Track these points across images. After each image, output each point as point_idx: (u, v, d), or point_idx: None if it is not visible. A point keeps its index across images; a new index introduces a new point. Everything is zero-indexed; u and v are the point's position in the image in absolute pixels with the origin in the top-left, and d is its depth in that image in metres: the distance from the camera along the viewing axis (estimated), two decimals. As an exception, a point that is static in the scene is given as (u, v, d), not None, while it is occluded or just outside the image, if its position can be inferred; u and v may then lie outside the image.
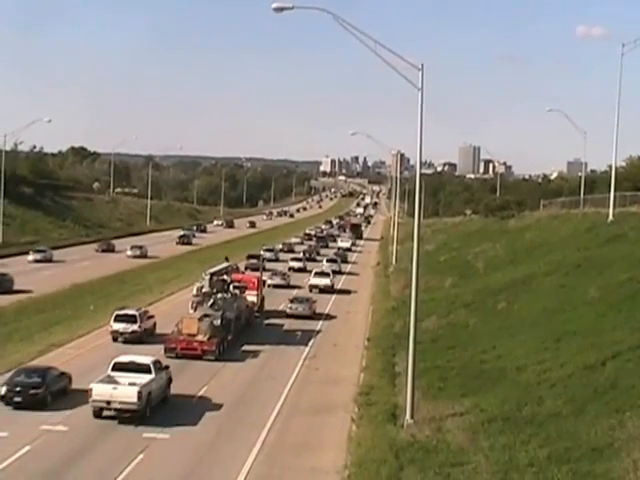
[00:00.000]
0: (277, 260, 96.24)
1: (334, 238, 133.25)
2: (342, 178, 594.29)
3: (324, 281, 74.69)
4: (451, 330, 49.25)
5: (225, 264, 57.09)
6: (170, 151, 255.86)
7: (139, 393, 33.06)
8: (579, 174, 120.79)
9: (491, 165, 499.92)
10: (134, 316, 49.25)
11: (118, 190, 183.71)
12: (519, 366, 36.37)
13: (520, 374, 35.35)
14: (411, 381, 32.55)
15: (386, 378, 40.34)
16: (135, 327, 48.72)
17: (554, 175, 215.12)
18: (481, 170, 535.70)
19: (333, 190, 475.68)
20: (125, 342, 47.94)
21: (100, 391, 33.26)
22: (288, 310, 60.26)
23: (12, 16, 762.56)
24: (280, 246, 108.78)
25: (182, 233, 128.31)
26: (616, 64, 65.36)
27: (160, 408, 34.94)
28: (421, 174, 36.35)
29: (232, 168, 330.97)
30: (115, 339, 48.66)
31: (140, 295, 66.65)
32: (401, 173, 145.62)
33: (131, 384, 33.68)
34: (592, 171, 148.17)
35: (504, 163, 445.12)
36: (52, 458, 28.54)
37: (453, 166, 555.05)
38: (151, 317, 51.68)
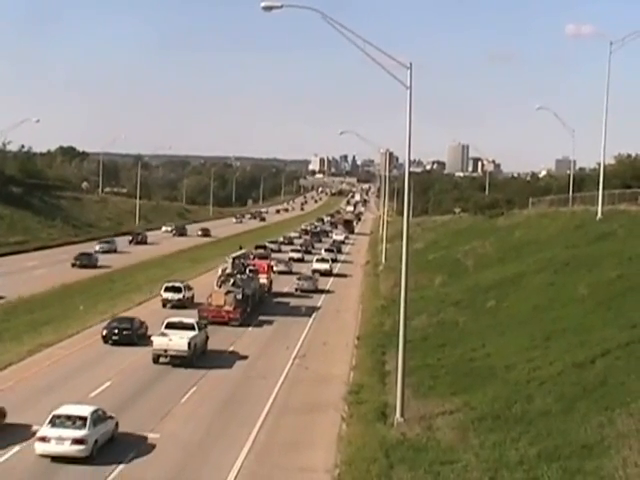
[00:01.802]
0: (280, 251, 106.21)
1: (327, 234, 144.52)
2: (319, 176, 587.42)
3: (324, 266, 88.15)
4: (441, 328, 49.30)
5: (242, 251, 69.36)
6: (159, 151, 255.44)
7: (189, 343, 42.75)
8: (568, 172, 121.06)
9: (480, 163, 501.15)
10: (179, 287, 61.67)
11: (107, 190, 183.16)
12: (509, 364, 36.41)
13: (510, 372, 35.39)
14: (401, 379, 32.57)
15: (376, 377, 40.35)
16: (180, 296, 60.80)
17: (543, 173, 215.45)
18: (470, 168, 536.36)
19: (320, 190, 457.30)
20: (172, 307, 59.11)
21: (159, 342, 43.02)
22: (296, 286, 73.05)
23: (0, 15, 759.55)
24: (281, 239, 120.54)
25: (95, 248, 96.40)
26: (605, 62, 65.56)
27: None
28: (410, 172, 36.39)
29: (221, 167, 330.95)
30: (164, 305, 60.18)
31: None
32: (390, 172, 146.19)
33: (181, 337, 42.88)
34: (581, 169, 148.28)
35: (493, 161, 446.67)
36: (44, 459, 28.37)
37: (442, 164, 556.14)
38: (191, 289, 63.23)
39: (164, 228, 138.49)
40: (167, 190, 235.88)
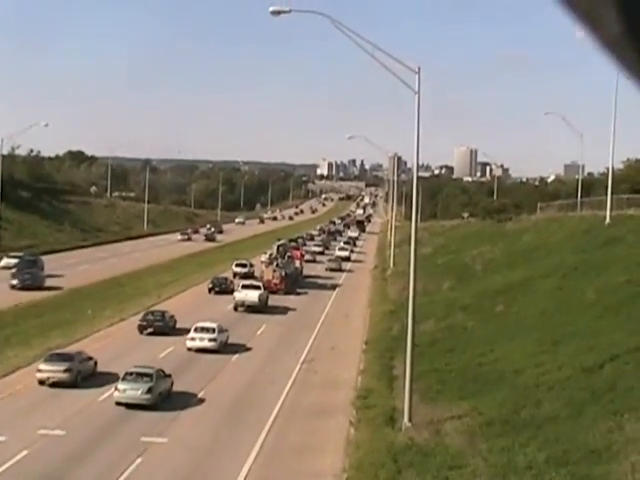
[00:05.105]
0: (305, 245, 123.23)
1: (340, 233, 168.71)
2: (308, 177, 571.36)
3: (345, 253, 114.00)
4: (449, 333, 49.27)
5: (282, 241, 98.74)
6: (167, 155, 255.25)
7: (259, 297, 63.94)
8: (576, 177, 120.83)
9: (488, 168, 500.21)
10: (246, 264, 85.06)
11: (116, 194, 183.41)
12: (517, 369, 36.38)
13: (518, 377, 35.36)
14: (409, 384, 32.55)
15: (384, 381, 40.32)
16: (246, 270, 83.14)
17: (551, 178, 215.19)
18: (478, 173, 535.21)
19: (324, 196, 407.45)
20: (241, 278, 76.19)
21: (239, 296, 63.84)
22: (327, 266, 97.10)
23: (9, 20, 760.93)
24: (305, 235, 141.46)
25: None
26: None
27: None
28: (418, 177, 36.45)
29: (229, 171, 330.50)
30: (235, 276, 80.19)
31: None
32: (398, 176, 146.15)
33: (253, 293, 63.94)
34: (589, 174, 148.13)
35: (501, 166, 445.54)
36: (50, 463, 28.46)
37: (450, 169, 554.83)
38: (252, 265, 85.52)
39: (5, 261, 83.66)
40: (175, 194, 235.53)
